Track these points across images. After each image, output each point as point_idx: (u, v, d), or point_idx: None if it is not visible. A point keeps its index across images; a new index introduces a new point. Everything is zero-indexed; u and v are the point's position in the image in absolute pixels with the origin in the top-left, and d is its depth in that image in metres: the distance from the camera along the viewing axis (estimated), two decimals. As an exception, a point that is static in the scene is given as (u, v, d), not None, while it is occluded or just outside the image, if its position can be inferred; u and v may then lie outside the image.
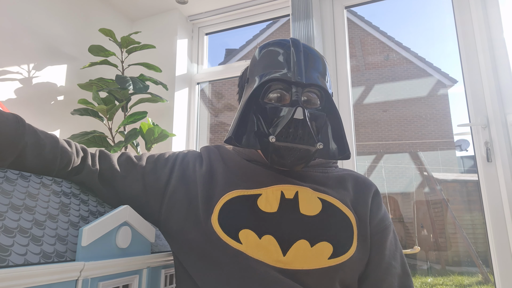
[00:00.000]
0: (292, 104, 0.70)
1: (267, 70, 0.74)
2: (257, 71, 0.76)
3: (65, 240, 0.60)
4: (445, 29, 2.81)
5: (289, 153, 0.69)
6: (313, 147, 0.69)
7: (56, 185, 0.70)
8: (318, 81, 0.73)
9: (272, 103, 0.73)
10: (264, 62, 0.77)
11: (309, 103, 0.74)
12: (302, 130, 0.68)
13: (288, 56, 0.75)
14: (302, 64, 0.74)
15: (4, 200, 0.57)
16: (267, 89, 0.73)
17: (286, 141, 0.68)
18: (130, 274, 0.68)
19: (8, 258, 0.48)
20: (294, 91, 0.72)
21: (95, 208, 0.74)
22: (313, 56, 0.78)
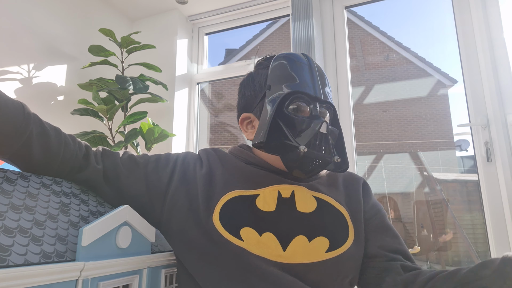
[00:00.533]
0: (314, 118, 0.76)
1: (292, 81, 0.79)
2: (280, 80, 0.80)
3: (65, 240, 0.60)
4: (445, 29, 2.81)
5: (311, 163, 0.74)
6: (331, 159, 0.75)
7: (56, 185, 0.70)
8: (330, 98, 0.83)
9: (298, 115, 0.77)
10: (287, 72, 0.80)
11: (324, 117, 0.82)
12: (325, 143, 0.75)
13: (308, 72, 0.81)
14: (318, 81, 0.81)
15: (4, 200, 0.57)
16: (292, 100, 0.77)
17: (314, 151, 0.73)
18: (130, 274, 0.68)
19: (8, 258, 0.48)
20: (316, 106, 0.78)
21: (95, 208, 0.74)
22: (322, 73, 0.86)
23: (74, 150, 0.73)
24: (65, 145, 0.71)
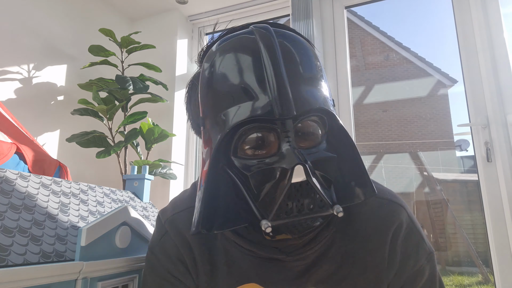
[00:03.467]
0: (283, 158, 0.47)
1: (232, 102, 0.49)
2: (215, 107, 0.51)
3: (65, 240, 0.60)
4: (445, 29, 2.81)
5: (294, 229, 0.50)
6: (327, 213, 0.49)
7: (56, 185, 0.70)
8: (314, 100, 0.49)
9: (252, 157, 0.50)
10: (224, 88, 0.50)
11: (307, 140, 0.51)
12: (308, 199, 0.48)
13: (259, 67, 0.49)
14: (284, 76, 0.48)
15: (3, 200, 0.57)
16: (240, 137, 0.50)
17: (287, 218, 0.48)
18: (130, 274, 0.68)
19: (8, 258, 0.48)
20: (282, 131, 0.48)
21: (95, 208, 0.74)
22: (296, 48, 0.52)
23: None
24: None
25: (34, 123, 1.72)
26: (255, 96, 0.48)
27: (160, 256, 0.63)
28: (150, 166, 1.79)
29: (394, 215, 0.59)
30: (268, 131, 0.49)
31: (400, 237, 0.58)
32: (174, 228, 0.63)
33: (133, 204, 0.92)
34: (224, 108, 0.50)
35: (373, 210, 0.60)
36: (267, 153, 0.50)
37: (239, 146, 0.50)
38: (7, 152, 1.14)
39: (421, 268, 0.58)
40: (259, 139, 0.49)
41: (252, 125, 0.49)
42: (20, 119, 1.54)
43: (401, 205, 0.61)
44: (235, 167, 0.50)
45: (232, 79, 0.50)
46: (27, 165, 1.21)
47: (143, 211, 0.92)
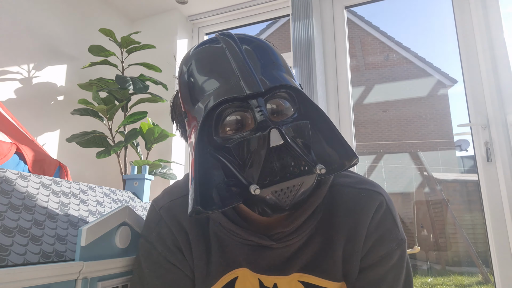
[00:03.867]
0: (260, 128, 0.51)
1: (206, 90, 0.55)
2: (193, 99, 0.57)
3: (65, 240, 0.60)
4: (445, 29, 2.81)
5: (284, 195, 0.52)
6: (311, 174, 0.52)
7: (56, 185, 0.70)
8: (280, 79, 0.55)
9: (233, 136, 0.53)
10: (198, 82, 0.57)
11: (280, 114, 0.55)
12: (289, 159, 0.51)
13: (227, 62, 0.55)
14: (248, 65, 0.54)
15: (3, 200, 0.57)
16: (218, 119, 0.54)
17: (274, 183, 0.51)
18: (130, 274, 0.68)
19: (8, 258, 0.48)
20: (255, 106, 0.52)
21: (95, 208, 0.74)
22: (258, 48, 0.58)
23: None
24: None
25: (34, 123, 1.72)
26: (225, 82, 0.54)
27: (156, 244, 0.65)
28: (150, 166, 1.79)
29: (372, 202, 0.63)
30: (243, 109, 0.54)
31: (375, 223, 0.63)
32: (171, 215, 0.66)
33: (133, 204, 0.92)
34: (201, 97, 0.56)
35: (353, 200, 0.64)
36: (246, 129, 0.54)
37: (220, 127, 0.55)
38: (7, 152, 1.14)
39: (390, 251, 0.62)
40: (235, 118, 0.54)
41: (227, 105, 0.54)
42: (20, 119, 1.54)
43: (379, 193, 0.65)
44: (220, 147, 0.54)
45: (204, 74, 0.57)
46: (27, 165, 1.21)
47: (143, 211, 0.92)
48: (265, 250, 0.62)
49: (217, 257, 0.63)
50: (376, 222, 0.62)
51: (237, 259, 0.63)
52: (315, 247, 0.63)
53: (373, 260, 0.62)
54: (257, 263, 0.62)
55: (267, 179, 0.51)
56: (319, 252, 0.63)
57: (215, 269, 0.63)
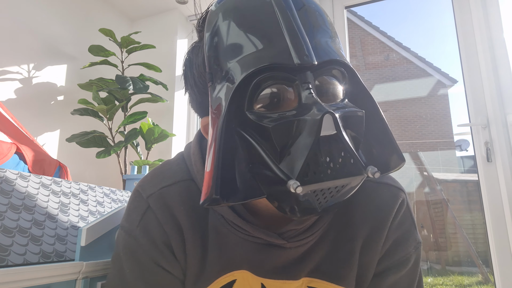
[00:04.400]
0: (305, 109, 0.41)
1: (244, 51, 0.43)
2: (224, 58, 0.45)
3: (65, 240, 0.60)
4: (445, 29, 2.81)
5: (321, 196, 0.43)
6: (360, 176, 0.42)
7: (56, 185, 0.70)
8: (335, 52, 0.45)
9: (272, 114, 0.43)
10: (234, 37, 0.45)
11: (329, 96, 0.45)
12: (340, 153, 0.41)
13: (274, 18, 0.43)
14: (300, 28, 0.43)
15: (3, 200, 0.57)
16: (255, 89, 0.43)
17: (318, 180, 0.41)
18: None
19: (8, 258, 0.48)
20: (303, 82, 0.42)
21: (95, 208, 0.74)
22: (312, 10, 0.47)
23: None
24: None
25: (34, 123, 1.72)
26: (270, 43, 0.42)
27: (141, 240, 0.54)
28: (150, 166, 1.79)
29: (394, 200, 0.57)
30: (286, 83, 0.43)
31: (396, 223, 0.56)
32: (162, 205, 0.54)
33: (133, 204, 0.92)
34: (236, 57, 0.44)
35: (373, 196, 0.56)
36: (286, 108, 0.43)
37: (255, 99, 0.43)
38: (7, 152, 1.14)
39: (407, 256, 0.57)
40: (277, 91, 0.43)
41: (269, 74, 0.42)
42: (20, 119, 1.54)
43: (400, 189, 0.59)
44: (251, 125, 0.43)
45: (243, 28, 0.45)
46: (27, 165, 1.21)
47: (143, 211, 0.92)
48: (274, 249, 0.53)
49: (214, 255, 0.54)
50: (397, 222, 0.56)
51: (237, 259, 0.55)
52: (328, 247, 0.55)
53: (390, 265, 0.56)
54: (262, 265, 0.54)
55: (308, 175, 0.41)
56: (332, 253, 0.55)
57: (210, 269, 0.54)
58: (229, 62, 0.44)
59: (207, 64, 0.48)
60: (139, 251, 0.53)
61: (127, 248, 0.54)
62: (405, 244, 0.57)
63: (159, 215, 0.54)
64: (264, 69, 0.42)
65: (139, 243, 0.54)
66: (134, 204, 0.56)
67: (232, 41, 0.45)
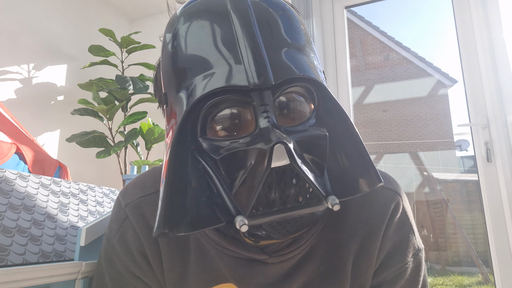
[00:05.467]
0: (261, 136, 0.38)
1: (196, 72, 0.40)
2: (177, 80, 0.42)
3: (64, 239, 0.60)
4: (445, 29, 2.81)
5: (280, 227, 0.41)
6: (319, 206, 0.40)
7: (55, 185, 0.70)
8: (299, 67, 0.40)
9: (223, 141, 0.40)
10: (185, 57, 0.42)
11: (292, 118, 0.42)
12: (294, 189, 0.39)
13: (229, 33, 0.40)
14: (258, 39, 0.40)
15: (2, 200, 0.57)
16: (207, 114, 0.41)
17: (267, 215, 0.39)
18: (129, 274, 0.68)
19: (7, 258, 0.48)
20: (260, 105, 0.39)
21: (94, 208, 0.74)
22: (276, 17, 0.42)
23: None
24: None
25: (34, 123, 1.72)
26: (224, 63, 0.39)
27: (119, 250, 0.53)
28: (150, 166, 1.79)
29: (387, 204, 0.52)
30: (242, 105, 0.40)
31: (390, 230, 0.51)
32: (138, 215, 0.52)
33: (132, 204, 0.92)
34: (189, 79, 0.41)
35: (363, 201, 0.52)
36: (243, 133, 0.40)
37: (208, 125, 0.41)
38: (7, 152, 1.14)
39: (406, 267, 0.52)
40: (231, 115, 0.40)
41: (222, 98, 0.39)
42: (20, 119, 1.54)
43: (395, 192, 0.53)
44: (204, 153, 0.41)
45: (197, 46, 0.41)
46: (27, 165, 1.21)
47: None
48: (257, 265, 0.49)
49: (198, 267, 0.51)
50: (391, 229, 0.51)
51: (222, 273, 0.50)
52: (318, 262, 0.50)
53: (386, 277, 0.51)
54: (246, 280, 0.50)
55: (258, 208, 0.39)
56: (323, 268, 0.50)
57: (193, 281, 0.51)
58: (181, 84, 0.42)
59: (163, 83, 0.46)
60: (116, 260, 0.53)
61: (107, 255, 0.54)
62: (402, 254, 0.51)
63: (136, 225, 0.52)
64: (217, 92, 0.39)
65: (116, 252, 0.53)
66: (115, 212, 0.56)
67: (183, 63, 0.42)
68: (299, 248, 0.50)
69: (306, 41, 0.45)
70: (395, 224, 0.52)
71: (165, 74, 0.45)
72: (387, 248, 0.51)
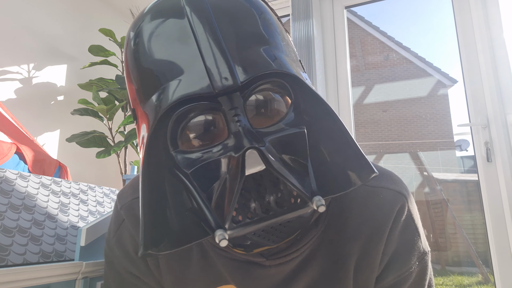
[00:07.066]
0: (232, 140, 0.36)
1: (159, 83, 0.38)
2: (142, 92, 0.40)
3: (64, 239, 0.60)
4: (445, 29, 2.81)
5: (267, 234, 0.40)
6: (304, 209, 0.38)
7: (56, 185, 0.70)
8: (268, 63, 0.37)
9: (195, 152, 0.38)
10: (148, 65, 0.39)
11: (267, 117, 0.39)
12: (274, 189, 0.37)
13: (187, 32, 0.37)
14: (218, 37, 0.37)
15: (3, 200, 0.57)
16: (177, 126, 0.38)
17: (251, 224, 0.37)
18: (130, 274, 0.68)
19: (7, 258, 0.48)
20: (229, 109, 0.37)
21: (95, 208, 0.74)
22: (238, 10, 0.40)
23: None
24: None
25: (34, 123, 1.72)
26: (185, 70, 0.36)
27: (117, 251, 0.53)
28: (150, 166, 1.79)
29: (391, 206, 0.49)
30: (211, 112, 0.38)
31: (394, 233, 0.49)
32: (132, 216, 0.51)
33: (133, 204, 0.92)
34: (151, 93, 0.38)
35: (367, 202, 0.49)
36: (215, 141, 0.38)
37: (179, 137, 0.39)
38: (7, 152, 1.14)
39: (410, 271, 0.50)
40: (200, 124, 0.38)
41: (188, 107, 0.37)
42: (20, 119, 1.54)
43: (400, 193, 0.50)
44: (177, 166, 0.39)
45: (155, 56, 0.39)
46: (27, 165, 1.21)
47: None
48: (255, 268, 0.48)
49: (199, 268, 0.50)
50: (396, 232, 0.49)
51: (223, 274, 0.50)
52: (319, 265, 0.48)
53: (390, 282, 0.50)
54: (246, 283, 0.49)
55: (238, 219, 0.37)
56: (324, 271, 0.48)
57: (193, 282, 0.51)
58: (144, 100, 0.39)
59: (129, 100, 0.43)
60: (115, 261, 0.54)
61: (107, 257, 0.55)
62: (406, 257, 0.49)
63: (131, 226, 0.52)
64: (181, 102, 0.36)
65: (114, 254, 0.53)
66: (113, 214, 0.56)
67: (143, 77, 0.40)
68: (298, 251, 0.48)
69: (275, 31, 0.41)
70: (400, 227, 0.49)
71: (130, 91, 0.43)
72: (391, 251, 0.49)
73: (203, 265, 0.50)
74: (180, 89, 0.36)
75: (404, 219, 0.50)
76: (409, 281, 0.50)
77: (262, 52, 0.38)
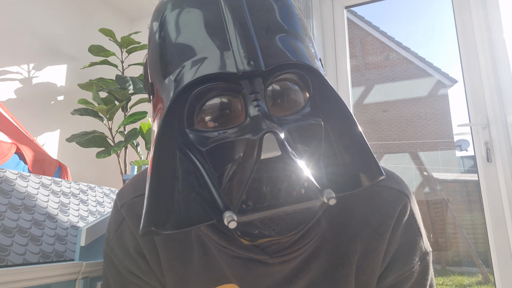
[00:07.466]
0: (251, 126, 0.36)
1: (182, 60, 0.38)
2: (163, 68, 0.40)
3: (64, 239, 0.60)
4: (445, 29, 2.81)
5: (273, 223, 0.38)
6: (314, 201, 0.37)
7: (56, 185, 0.70)
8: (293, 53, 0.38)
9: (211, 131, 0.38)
10: (172, 44, 0.40)
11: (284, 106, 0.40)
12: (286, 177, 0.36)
13: (218, 17, 0.38)
14: (248, 23, 0.38)
15: (3, 200, 0.57)
16: (194, 104, 0.39)
17: (259, 210, 0.36)
18: (130, 274, 0.68)
19: (7, 258, 0.48)
20: (250, 93, 0.37)
21: (95, 208, 0.74)
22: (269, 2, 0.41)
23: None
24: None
25: (34, 123, 1.72)
26: (212, 50, 0.37)
27: (117, 250, 0.52)
28: (150, 166, 1.79)
29: (394, 206, 0.49)
30: (231, 94, 0.38)
31: (397, 233, 0.49)
32: (133, 215, 0.51)
33: (133, 204, 0.92)
34: (174, 67, 0.39)
35: (369, 201, 0.49)
36: (232, 123, 0.38)
37: (196, 115, 0.39)
38: (7, 152, 1.14)
39: (412, 271, 0.50)
40: (220, 105, 0.38)
41: (210, 86, 0.37)
42: (20, 119, 1.54)
43: (402, 192, 0.51)
44: (191, 145, 0.39)
45: (184, 33, 0.39)
46: (27, 165, 1.21)
47: (143, 211, 0.92)
48: (258, 265, 0.47)
49: (200, 267, 0.50)
50: (398, 231, 0.49)
51: (224, 272, 0.49)
52: (321, 263, 0.48)
53: (392, 281, 0.50)
54: (248, 281, 0.48)
55: (247, 204, 0.37)
56: (326, 271, 0.48)
57: (195, 281, 0.50)
58: (167, 73, 0.39)
59: (149, 73, 0.44)
60: (116, 260, 0.53)
61: (107, 256, 0.54)
62: (408, 257, 0.49)
63: (131, 225, 0.52)
64: (204, 80, 0.37)
65: (115, 253, 0.53)
66: (112, 213, 0.55)
67: (169, 51, 0.40)
68: (301, 249, 0.47)
69: (302, 27, 0.42)
70: (402, 226, 0.50)
71: (152, 63, 0.43)
72: (393, 250, 0.50)
73: (204, 263, 0.50)
74: (204, 67, 0.36)
75: (407, 219, 0.50)
76: (410, 280, 0.50)
77: (288, 42, 0.39)
